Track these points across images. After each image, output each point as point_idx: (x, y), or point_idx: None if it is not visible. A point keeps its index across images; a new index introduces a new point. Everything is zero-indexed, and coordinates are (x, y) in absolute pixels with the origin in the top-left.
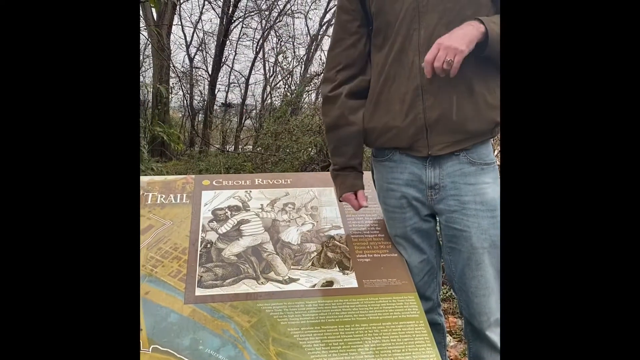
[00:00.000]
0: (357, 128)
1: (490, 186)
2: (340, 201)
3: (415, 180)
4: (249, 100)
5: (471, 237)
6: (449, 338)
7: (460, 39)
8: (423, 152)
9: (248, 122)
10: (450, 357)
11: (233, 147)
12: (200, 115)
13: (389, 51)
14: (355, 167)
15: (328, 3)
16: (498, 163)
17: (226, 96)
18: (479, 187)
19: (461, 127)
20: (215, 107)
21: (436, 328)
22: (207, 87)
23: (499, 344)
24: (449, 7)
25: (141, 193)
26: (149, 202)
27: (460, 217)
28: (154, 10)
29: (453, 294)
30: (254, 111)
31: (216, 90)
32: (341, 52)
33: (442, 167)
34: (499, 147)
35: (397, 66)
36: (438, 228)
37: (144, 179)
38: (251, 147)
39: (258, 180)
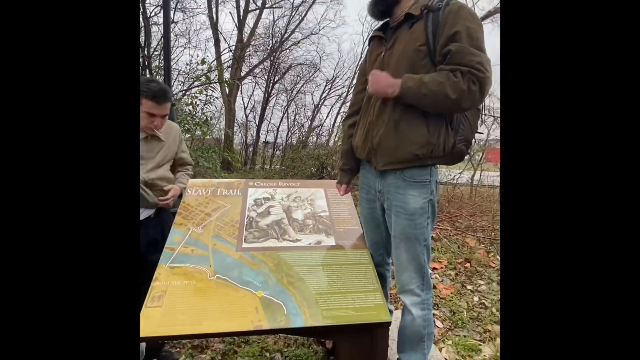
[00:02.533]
0: (349, 147)
1: (414, 198)
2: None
3: (372, 183)
4: (278, 140)
5: (393, 229)
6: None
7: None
8: (373, 166)
9: (278, 152)
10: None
11: (269, 166)
12: (250, 147)
13: (365, 94)
14: (344, 170)
15: (324, 87)
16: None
17: (266, 137)
18: (405, 196)
19: (390, 153)
20: (259, 143)
21: (383, 277)
22: (255, 132)
23: (407, 304)
24: (393, 68)
25: (214, 188)
26: (218, 193)
27: (390, 214)
28: (227, 88)
29: None
30: (281, 146)
31: (260, 134)
32: (353, 95)
33: (385, 179)
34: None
35: (366, 105)
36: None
37: (215, 180)
38: (279, 166)
39: (280, 183)
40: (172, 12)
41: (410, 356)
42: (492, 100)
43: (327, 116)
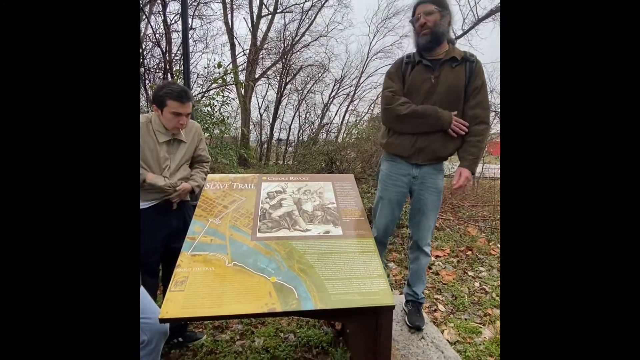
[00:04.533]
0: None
1: (440, 181)
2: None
3: (406, 172)
4: (290, 137)
5: (426, 200)
6: (392, 265)
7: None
8: (413, 161)
9: (290, 148)
10: (394, 275)
11: (282, 161)
12: (265, 144)
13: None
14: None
15: (333, 87)
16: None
17: (279, 134)
18: (436, 180)
19: (432, 153)
20: (273, 140)
21: (385, 248)
22: (268, 130)
23: (427, 251)
24: (443, 96)
25: (230, 183)
26: (234, 187)
27: (423, 192)
28: (242, 89)
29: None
30: (293, 143)
31: (274, 131)
32: (392, 84)
33: (421, 169)
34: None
35: None
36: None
37: (231, 175)
38: (291, 161)
39: (291, 177)
40: (190, 20)
41: (420, 286)
42: (494, 96)
43: (336, 114)
